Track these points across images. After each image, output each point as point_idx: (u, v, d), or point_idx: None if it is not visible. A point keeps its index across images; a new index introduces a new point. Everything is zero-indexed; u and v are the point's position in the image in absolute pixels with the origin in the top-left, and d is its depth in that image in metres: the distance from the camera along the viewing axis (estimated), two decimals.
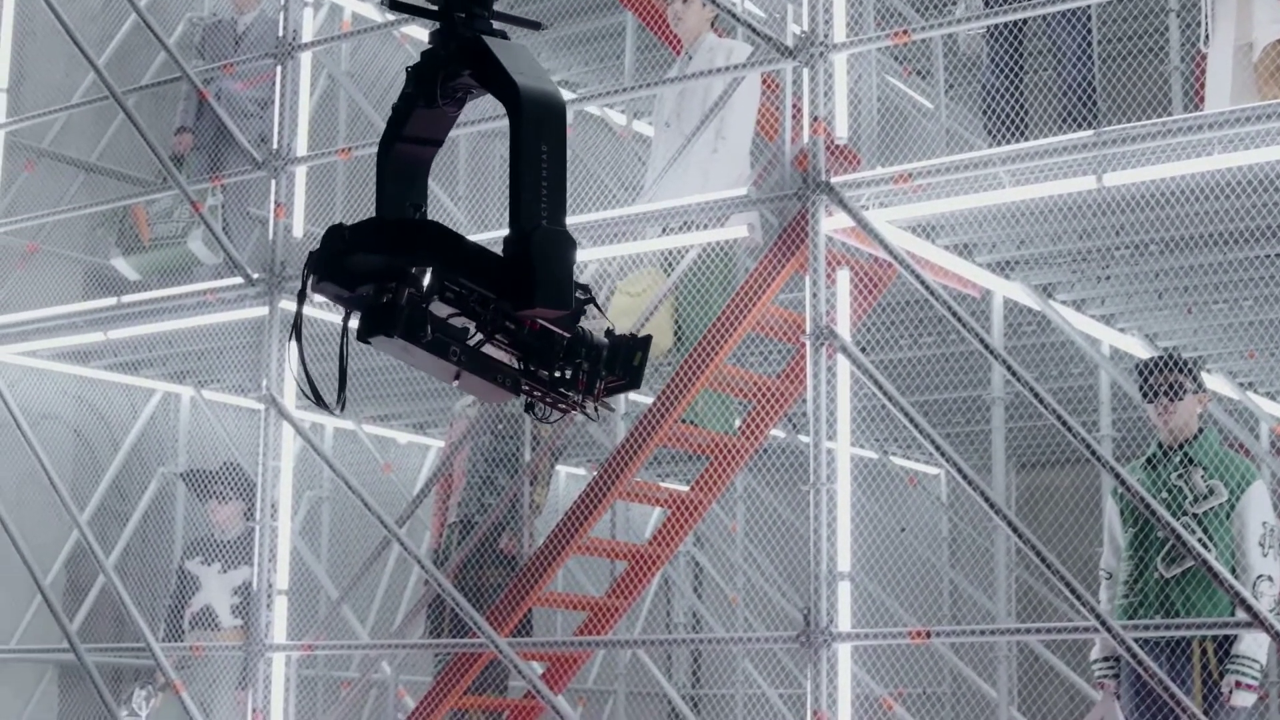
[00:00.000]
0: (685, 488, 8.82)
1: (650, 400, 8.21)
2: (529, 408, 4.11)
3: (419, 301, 3.84)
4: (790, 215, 7.61)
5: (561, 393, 3.99)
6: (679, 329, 8.44)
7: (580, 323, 3.95)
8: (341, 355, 4.03)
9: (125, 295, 9.91)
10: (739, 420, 8.47)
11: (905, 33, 7.58)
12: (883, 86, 8.73)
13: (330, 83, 10.92)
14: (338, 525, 11.64)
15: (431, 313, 3.87)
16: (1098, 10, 8.44)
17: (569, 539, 8.09)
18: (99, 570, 9.54)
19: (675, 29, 8.74)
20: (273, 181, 9.14)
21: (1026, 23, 8.30)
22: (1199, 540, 7.12)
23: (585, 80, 11.55)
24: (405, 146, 4.17)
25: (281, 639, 8.75)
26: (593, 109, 11.13)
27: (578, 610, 8.99)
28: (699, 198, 7.95)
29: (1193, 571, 7.13)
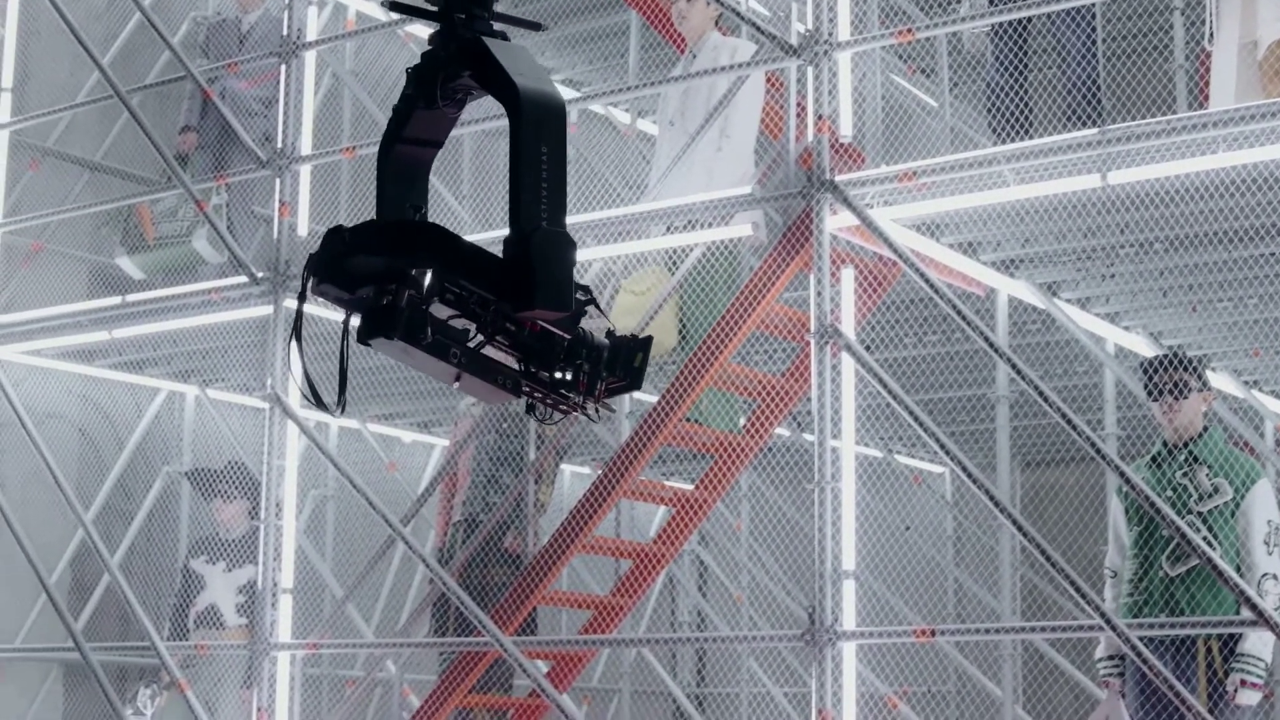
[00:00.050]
0: (690, 486, 8.83)
1: (655, 399, 8.21)
2: (530, 409, 4.11)
3: (419, 303, 3.84)
4: (795, 214, 7.60)
5: (562, 394, 3.99)
6: (683, 327, 8.44)
7: (581, 323, 3.95)
8: (342, 357, 4.02)
9: (130, 294, 9.91)
10: (743, 419, 8.47)
11: (910, 31, 7.57)
12: (887, 85, 8.73)
13: (335, 81, 10.91)
14: (342, 524, 11.64)
15: (431, 314, 3.87)
16: (1102, 8, 8.43)
17: (574, 537, 8.09)
18: (104, 569, 9.55)
19: (679, 27, 8.74)
20: (277, 180, 9.14)
21: (1031, 21, 8.29)
22: (1204, 539, 7.12)
23: (589, 79, 11.54)
24: (405, 148, 4.17)
25: (286, 638, 8.75)
26: (597, 108, 11.13)
27: (582, 609, 8.99)
28: (703, 196, 7.94)
29: (1198, 570, 7.13)
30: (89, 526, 9.50)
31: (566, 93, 11.30)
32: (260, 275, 9.08)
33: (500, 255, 3.89)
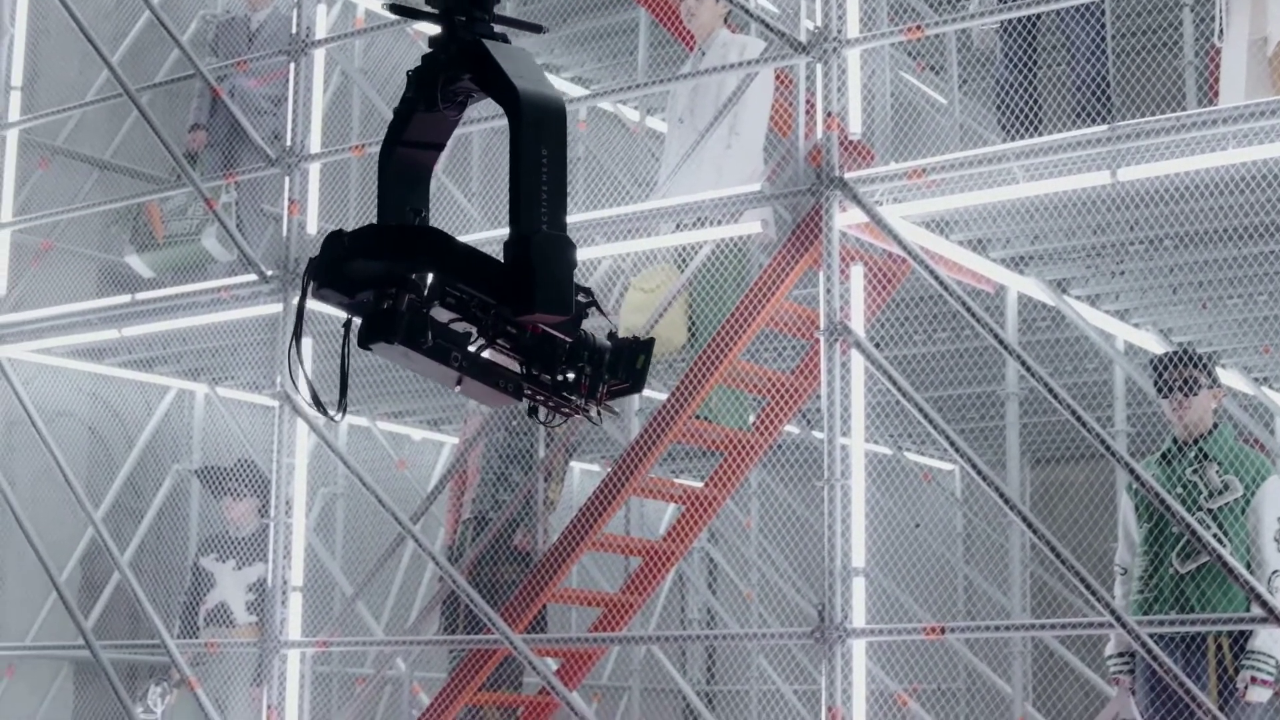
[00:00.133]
0: (699, 484, 8.81)
1: (664, 396, 8.20)
2: (532, 412, 4.10)
3: (419, 307, 3.83)
4: (804, 211, 7.59)
5: (564, 397, 3.98)
6: (693, 325, 8.43)
7: (582, 325, 3.94)
8: (343, 360, 4.02)
9: (139, 292, 9.91)
10: (753, 416, 8.46)
11: (919, 28, 7.55)
12: (896, 82, 8.71)
13: (344, 79, 10.92)
14: (352, 522, 11.65)
15: (432, 318, 3.86)
16: (1111, 5, 8.42)
17: (583, 535, 8.09)
18: (114, 567, 9.56)
19: (688, 25, 8.72)
20: (286, 178, 9.13)
21: (1040, 17, 8.27)
22: (1214, 535, 7.10)
23: (599, 76, 11.54)
24: (406, 151, 4.16)
25: (296, 635, 8.75)
26: (606, 105, 11.12)
27: (592, 606, 8.99)
28: (713, 193, 7.93)
29: (1208, 567, 7.11)
30: (99, 524, 9.50)
31: (575, 90, 11.30)
32: (269, 273, 9.09)
33: (501, 258, 3.88)
